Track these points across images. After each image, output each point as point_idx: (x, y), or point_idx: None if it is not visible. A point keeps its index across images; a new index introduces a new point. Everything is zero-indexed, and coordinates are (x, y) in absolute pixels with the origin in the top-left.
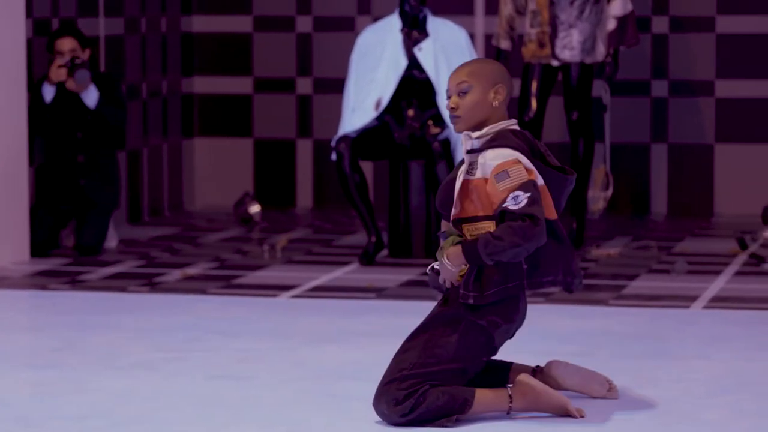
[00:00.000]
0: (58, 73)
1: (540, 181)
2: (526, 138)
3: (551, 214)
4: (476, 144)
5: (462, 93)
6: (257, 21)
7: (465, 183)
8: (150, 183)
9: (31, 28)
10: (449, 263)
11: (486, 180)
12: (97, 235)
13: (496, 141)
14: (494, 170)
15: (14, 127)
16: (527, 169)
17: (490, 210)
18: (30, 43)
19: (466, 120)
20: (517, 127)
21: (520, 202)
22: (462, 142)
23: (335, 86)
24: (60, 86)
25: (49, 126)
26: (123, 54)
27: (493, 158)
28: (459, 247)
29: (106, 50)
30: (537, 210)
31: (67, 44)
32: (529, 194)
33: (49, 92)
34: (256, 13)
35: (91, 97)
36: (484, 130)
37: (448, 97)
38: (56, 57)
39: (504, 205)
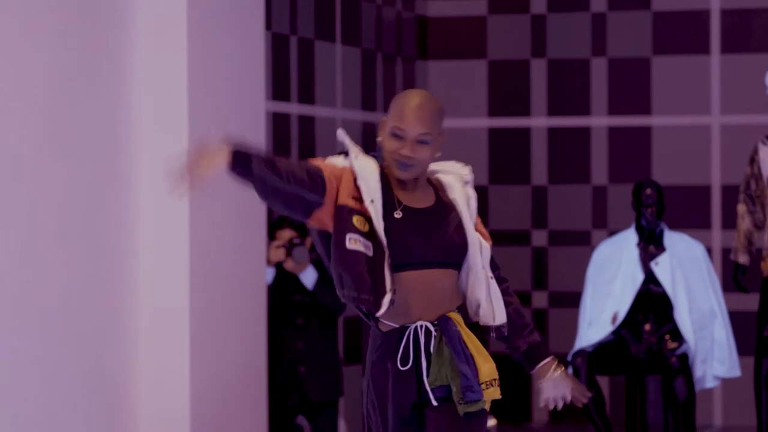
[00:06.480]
0: (276, 253)
1: None
2: None
3: None
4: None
5: (422, 143)
6: (493, 235)
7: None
8: None
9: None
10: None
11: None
12: None
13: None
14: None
15: (254, 336)
16: None
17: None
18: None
19: (417, 169)
20: None
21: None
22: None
23: (571, 300)
24: (279, 268)
25: (270, 309)
26: None
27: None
28: (561, 372)
29: None
30: None
31: (286, 234)
32: None
33: (268, 273)
34: (491, 227)
35: (309, 277)
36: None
37: (399, 138)
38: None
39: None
